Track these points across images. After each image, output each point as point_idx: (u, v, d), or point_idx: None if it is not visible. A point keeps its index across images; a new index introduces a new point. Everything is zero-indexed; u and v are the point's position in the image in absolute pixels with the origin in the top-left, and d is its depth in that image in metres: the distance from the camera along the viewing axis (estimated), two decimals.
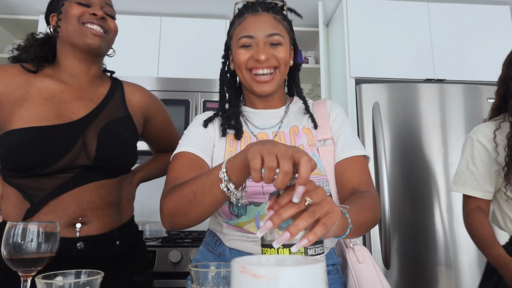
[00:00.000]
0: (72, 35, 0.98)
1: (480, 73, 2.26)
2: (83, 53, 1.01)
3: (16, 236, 0.67)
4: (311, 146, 0.89)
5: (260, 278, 0.35)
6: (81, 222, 0.94)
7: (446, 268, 1.87)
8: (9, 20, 2.62)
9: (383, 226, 1.84)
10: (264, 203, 0.84)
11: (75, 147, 0.94)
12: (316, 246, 0.55)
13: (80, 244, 0.94)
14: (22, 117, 0.93)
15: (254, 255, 0.81)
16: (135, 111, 1.11)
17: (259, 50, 0.86)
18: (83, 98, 1.02)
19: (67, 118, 0.97)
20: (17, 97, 0.96)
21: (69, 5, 0.99)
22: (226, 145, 0.91)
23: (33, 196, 0.93)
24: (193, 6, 2.51)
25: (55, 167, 0.92)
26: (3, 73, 0.98)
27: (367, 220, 0.75)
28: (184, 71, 2.49)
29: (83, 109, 1.00)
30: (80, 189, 0.94)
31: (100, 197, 0.97)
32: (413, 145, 2.00)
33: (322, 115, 0.95)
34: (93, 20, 0.98)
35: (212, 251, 0.90)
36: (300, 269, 0.36)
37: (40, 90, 0.98)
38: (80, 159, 0.95)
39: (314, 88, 2.79)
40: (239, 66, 0.90)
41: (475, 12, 2.36)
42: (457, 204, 1.95)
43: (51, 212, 0.92)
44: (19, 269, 0.68)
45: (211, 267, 0.61)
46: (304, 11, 2.58)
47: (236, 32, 0.91)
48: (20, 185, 0.94)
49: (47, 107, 0.96)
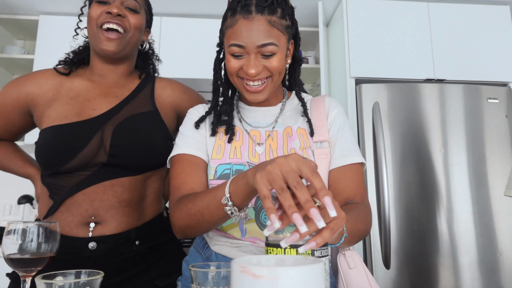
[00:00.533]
0: (91, 40, 1.00)
1: (480, 73, 2.26)
2: (101, 56, 1.02)
3: (16, 236, 0.67)
4: (303, 149, 0.86)
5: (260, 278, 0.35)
6: (94, 222, 0.92)
7: (446, 268, 1.87)
8: (9, 20, 2.62)
9: (383, 226, 1.84)
10: (250, 208, 0.83)
11: (91, 144, 0.93)
12: (322, 248, 0.55)
13: (93, 245, 0.91)
14: (49, 117, 0.97)
15: None
16: (164, 106, 1.06)
17: (249, 64, 0.79)
18: (108, 95, 1.02)
19: (87, 115, 0.97)
20: (49, 98, 1.00)
21: (91, 6, 1.00)
22: (216, 139, 0.89)
23: (56, 194, 0.94)
24: (193, 6, 2.51)
25: (72, 164, 0.92)
26: (39, 75, 1.03)
27: (359, 232, 0.75)
28: (184, 71, 2.49)
29: (105, 106, 1.00)
30: (95, 187, 0.93)
31: (114, 195, 0.94)
32: (413, 145, 2.00)
33: (319, 115, 0.91)
34: (109, 20, 0.95)
35: (200, 253, 0.90)
36: (300, 269, 0.36)
37: (69, 90, 1.01)
38: (99, 156, 0.94)
39: (314, 88, 2.79)
40: (230, 72, 0.84)
41: (475, 12, 2.36)
42: (457, 204, 1.95)
43: (66, 210, 0.92)
44: (19, 269, 0.68)
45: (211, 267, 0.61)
46: (304, 11, 2.59)
47: (227, 35, 0.83)
48: (49, 183, 0.96)
49: (71, 105, 0.98)
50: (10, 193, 2.67)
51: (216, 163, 0.86)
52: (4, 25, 2.68)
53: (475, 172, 1.99)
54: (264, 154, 0.87)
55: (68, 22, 2.54)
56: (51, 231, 0.70)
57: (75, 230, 0.91)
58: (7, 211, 2.65)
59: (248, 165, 0.85)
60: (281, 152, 0.86)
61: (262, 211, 0.82)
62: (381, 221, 1.85)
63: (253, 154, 0.87)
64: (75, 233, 0.91)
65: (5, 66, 2.68)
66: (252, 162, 0.86)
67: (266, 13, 0.79)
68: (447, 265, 1.87)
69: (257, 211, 0.83)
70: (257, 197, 0.82)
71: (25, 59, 2.56)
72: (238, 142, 0.89)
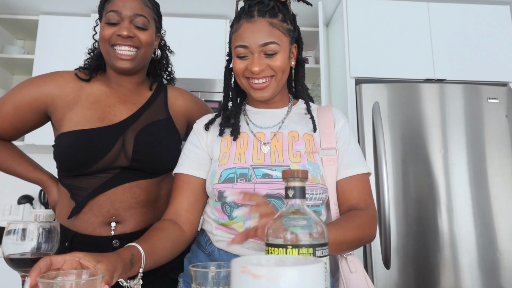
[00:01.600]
0: (106, 56, 1.04)
1: (480, 73, 2.26)
2: (116, 71, 1.06)
3: (16, 236, 0.67)
4: (310, 153, 0.89)
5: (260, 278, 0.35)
6: (115, 221, 0.98)
7: (446, 268, 1.87)
8: (9, 20, 2.62)
9: (383, 226, 1.84)
10: None
11: (114, 149, 0.99)
12: (323, 248, 0.55)
13: (116, 242, 0.97)
14: (71, 120, 1.00)
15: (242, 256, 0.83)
16: (177, 114, 1.13)
17: (253, 62, 0.86)
18: (126, 102, 1.07)
19: (109, 121, 1.02)
20: (69, 100, 1.02)
21: (102, 25, 1.03)
22: (221, 145, 0.93)
23: (78, 195, 0.98)
24: (193, 6, 2.51)
25: (96, 167, 0.97)
26: (60, 78, 1.05)
27: (348, 240, 0.78)
28: (184, 71, 2.49)
29: (125, 112, 1.05)
30: (115, 189, 0.98)
31: (133, 196, 1.00)
32: (413, 145, 2.00)
33: (327, 123, 0.94)
34: (120, 42, 1.00)
35: (202, 250, 0.92)
36: (300, 269, 0.36)
37: (89, 95, 1.05)
38: (119, 160, 0.99)
39: (314, 88, 2.80)
40: (237, 74, 0.91)
41: (475, 12, 2.36)
42: (457, 204, 1.95)
43: (88, 211, 0.97)
44: (19, 269, 0.68)
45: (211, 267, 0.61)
46: (304, 11, 2.59)
47: (233, 39, 0.91)
48: (69, 185, 1.00)
49: (92, 110, 1.02)
50: (10, 193, 2.67)
51: (221, 168, 0.89)
52: (4, 25, 2.68)
53: (475, 172, 1.99)
54: (269, 154, 0.89)
55: (68, 22, 2.54)
56: (51, 231, 0.70)
57: (98, 230, 0.97)
58: (7, 211, 2.65)
59: (252, 168, 0.87)
60: (286, 155, 0.89)
61: None
62: (381, 221, 1.85)
63: (257, 157, 0.89)
64: (99, 233, 0.97)
65: (5, 66, 2.68)
66: (256, 165, 0.88)
67: (268, 16, 0.87)
68: (447, 265, 1.88)
69: None
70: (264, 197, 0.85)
71: (25, 59, 2.56)
72: (243, 148, 0.91)
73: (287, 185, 0.59)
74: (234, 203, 0.86)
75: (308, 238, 0.53)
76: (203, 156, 0.95)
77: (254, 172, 0.86)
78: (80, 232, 0.97)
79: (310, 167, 0.87)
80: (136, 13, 1.03)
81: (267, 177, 0.86)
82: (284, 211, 0.58)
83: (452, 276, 1.87)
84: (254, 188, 0.85)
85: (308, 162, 0.88)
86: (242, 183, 0.85)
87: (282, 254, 0.54)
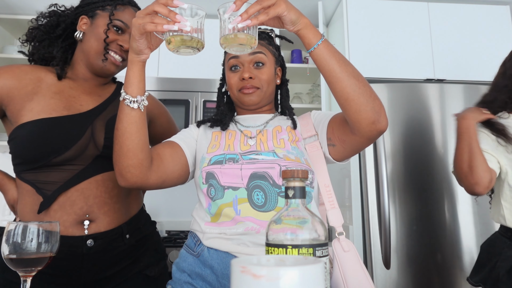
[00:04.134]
0: (93, 54, 1.02)
1: (480, 73, 2.26)
2: (96, 71, 1.05)
3: (16, 236, 0.67)
4: (294, 142, 0.96)
5: (260, 278, 0.35)
6: (88, 220, 0.95)
7: (446, 268, 1.87)
8: (9, 20, 2.62)
9: (383, 226, 1.84)
10: (242, 188, 0.88)
11: (85, 136, 0.97)
12: (323, 248, 0.55)
13: (90, 242, 0.95)
14: (32, 110, 0.95)
15: (232, 254, 0.86)
16: None
17: (244, 70, 0.99)
18: (91, 93, 1.06)
19: (76, 110, 1.00)
20: (28, 91, 0.98)
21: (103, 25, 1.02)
22: (211, 138, 1.01)
23: (45, 190, 0.94)
24: None
25: (66, 156, 0.94)
26: (16, 70, 1.01)
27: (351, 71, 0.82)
28: (184, 71, 2.49)
29: (91, 103, 1.04)
30: (88, 183, 0.96)
31: (106, 190, 0.98)
32: (413, 145, 2.00)
33: (306, 121, 1.03)
34: (117, 51, 1.02)
35: (191, 253, 0.93)
36: (300, 269, 0.36)
37: (50, 85, 1.01)
38: (89, 149, 0.97)
39: (314, 88, 2.79)
40: (231, 88, 1.02)
41: (475, 12, 2.36)
42: (457, 204, 1.95)
43: (60, 209, 0.93)
44: (19, 269, 0.68)
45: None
46: (304, 11, 2.58)
47: (226, 58, 1.05)
48: (32, 180, 0.95)
49: (56, 100, 0.99)
50: None
51: (211, 155, 0.95)
52: (4, 25, 2.68)
53: None
54: (255, 145, 0.96)
55: None
56: (51, 231, 0.70)
57: (71, 229, 0.93)
58: (7, 211, 2.65)
59: (241, 155, 0.93)
60: (271, 144, 0.96)
61: (254, 190, 0.88)
62: (381, 221, 1.86)
63: (244, 144, 0.97)
64: (71, 232, 0.93)
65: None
66: (244, 152, 0.94)
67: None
68: (447, 265, 1.87)
69: (249, 191, 0.88)
70: (250, 177, 0.88)
71: (25, 59, 2.56)
72: (231, 139, 0.99)
73: (287, 185, 0.59)
74: (219, 185, 0.89)
75: (308, 238, 0.54)
76: (192, 141, 1.02)
77: (241, 157, 0.92)
78: None
79: (294, 151, 0.93)
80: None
81: (254, 160, 0.91)
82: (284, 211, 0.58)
83: (452, 276, 1.87)
84: (241, 168, 0.89)
85: (292, 147, 0.94)
86: (230, 164, 0.90)
87: (282, 254, 0.54)
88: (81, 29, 1.05)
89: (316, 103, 2.67)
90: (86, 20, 1.05)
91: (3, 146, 2.44)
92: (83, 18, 1.06)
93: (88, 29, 1.04)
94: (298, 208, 0.57)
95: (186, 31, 0.72)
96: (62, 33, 1.07)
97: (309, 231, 0.55)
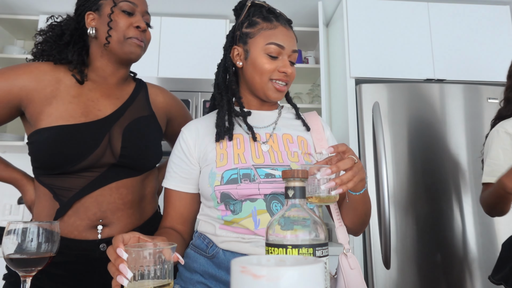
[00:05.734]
0: (115, 44, 1.00)
1: (480, 73, 2.26)
2: (121, 60, 1.03)
3: (16, 236, 0.67)
4: (306, 154, 0.94)
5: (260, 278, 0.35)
6: (102, 224, 0.95)
7: (446, 268, 1.87)
8: (9, 20, 2.62)
9: (383, 226, 1.84)
10: (260, 199, 0.86)
11: (101, 145, 0.95)
12: (323, 248, 0.55)
13: (103, 246, 0.94)
14: (51, 115, 0.94)
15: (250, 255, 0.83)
16: (158, 111, 1.13)
17: (287, 64, 0.92)
18: (110, 96, 1.04)
19: (94, 116, 0.98)
20: (47, 94, 0.96)
21: (116, 15, 0.99)
22: (216, 148, 0.92)
23: (61, 196, 0.94)
24: (193, 6, 2.51)
25: (82, 165, 0.93)
26: (35, 70, 0.98)
27: (367, 208, 0.90)
28: (184, 71, 2.49)
29: (109, 107, 1.02)
30: (101, 190, 0.95)
31: (120, 197, 0.97)
32: (413, 145, 2.00)
33: (317, 128, 1.00)
34: (137, 36, 1.01)
35: (202, 254, 0.90)
36: (300, 269, 0.36)
37: (69, 88, 0.99)
38: (106, 157, 0.96)
39: (314, 88, 2.79)
40: (261, 72, 0.92)
41: (475, 12, 2.36)
42: (457, 204, 1.95)
43: (74, 214, 0.93)
44: (19, 269, 0.68)
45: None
46: (304, 11, 2.59)
47: (264, 34, 0.93)
48: (50, 184, 0.95)
49: (74, 105, 0.97)
50: (10, 193, 2.67)
51: (221, 170, 0.88)
52: (4, 25, 2.68)
53: (474, 172, 1.99)
54: (268, 153, 0.91)
55: None
56: (51, 231, 0.70)
57: (84, 234, 0.93)
58: (7, 211, 2.65)
59: (254, 168, 0.88)
60: (285, 155, 0.91)
61: (272, 201, 0.87)
62: (381, 221, 1.85)
63: (257, 156, 0.90)
64: (85, 236, 0.93)
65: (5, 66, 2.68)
66: (257, 165, 0.89)
67: (293, 32, 0.98)
68: (447, 265, 1.87)
69: (268, 201, 0.86)
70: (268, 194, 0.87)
71: (25, 59, 2.56)
72: (240, 149, 0.92)
73: (287, 185, 0.59)
74: (236, 200, 0.87)
75: (308, 238, 0.54)
76: (191, 168, 0.95)
77: (257, 172, 0.87)
78: (64, 236, 0.92)
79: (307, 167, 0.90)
80: (146, 11, 1.06)
81: (270, 176, 0.87)
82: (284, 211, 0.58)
83: (452, 276, 1.87)
84: (259, 187, 0.86)
85: (306, 163, 0.92)
86: (246, 183, 0.86)
87: (282, 254, 0.54)
88: (91, 26, 1.02)
89: (316, 103, 2.67)
90: (93, 15, 1.02)
91: (21, 146, 2.45)
92: (89, 14, 1.02)
93: (99, 23, 1.01)
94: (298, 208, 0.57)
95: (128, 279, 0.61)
96: (70, 39, 1.04)
97: (309, 231, 0.55)
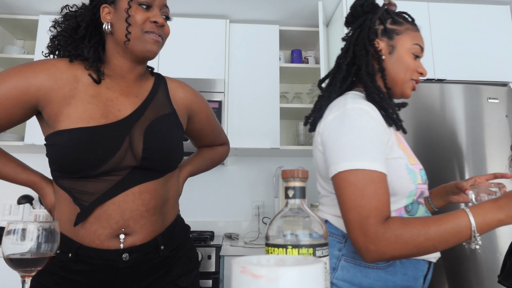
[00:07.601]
0: (133, 41, 0.96)
1: (480, 73, 2.26)
2: (137, 58, 0.99)
3: (16, 236, 0.67)
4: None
5: (260, 278, 0.35)
6: (124, 233, 0.91)
7: (446, 268, 1.87)
8: (9, 20, 2.62)
9: None
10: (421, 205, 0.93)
11: (122, 147, 0.91)
12: (323, 248, 0.55)
13: (126, 256, 0.91)
14: (70, 116, 0.89)
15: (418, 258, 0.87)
16: (179, 108, 1.08)
17: (422, 65, 1.01)
18: (129, 94, 0.99)
19: (113, 117, 0.93)
20: (65, 94, 0.91)
21: (133, 9, 0.95)
22: (397, 142, 0.87)
23: (82, 200, 0.90)
24: (193, 6, 2.51)
25: (103, 169, 0.89)
26: (52, 68, 0.93)
27: None
28: (184, 71, 2.49)
29: (129, 106, 0.97)
30: (124, 195, 0.91)
31: (143, 203, 0.93)
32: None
33: None
34: (154, 30, 0.96)
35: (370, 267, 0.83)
36: (300, 269, 0.36)
37: (87, 87, 0.94)
38: (127, 159, 0.92)
39: (314, 88, 2.79)
40: (406, 69, 0.97)
41: (475, 12, 2.36)
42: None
43: (96, 221, 0.89)
44: (19, 269, 0.68)
45: None
46: (304, 11, 2.59)
47: (410, 35, 1.03)
48: (69, 188, 0.91)
49: (93, 105, 0.92)
50: (10, 193, 2.67)
51: (416, 167, 0.89)
52: (4, 25, 2.68)
53: (475, 172, 1.99)
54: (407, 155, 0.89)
55: None
56: (51, 231, 0.70)
57: (106, 243, 0.90)
58: (7, 211, 2.65)
59: (420, 172, 0.90)
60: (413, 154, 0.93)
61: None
62: None
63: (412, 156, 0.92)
64: (107, 246, 0.90)
65: (5, 66, 2.68)
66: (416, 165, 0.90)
67: None
68: (447, 265, 1.87)
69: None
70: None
71: (25, 59, 2.56)
72: (406, 147, 0.92)
73: (287, 185, 0.59)
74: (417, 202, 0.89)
75: (308, 238, 0.54)
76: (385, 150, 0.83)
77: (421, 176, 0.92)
78: (86, 244, 0.89)
79: None
80: (165, 4, 1.02)
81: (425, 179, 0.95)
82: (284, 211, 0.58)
83: (452, 276, 1.87)
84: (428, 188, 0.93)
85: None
86: (426, 185, 0.92)
87: (282, 254, 0.54)
88: (106, 20, 0.97)
89: None
90: (108, 9, 0.97)
91: (21, 146, 2.43)
92: (104, 7, 0.97)
93: (114, 17, 0.96)
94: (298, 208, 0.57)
95: None
96: (85, 32, 0.99)
97: (309, 231, 0.55)
